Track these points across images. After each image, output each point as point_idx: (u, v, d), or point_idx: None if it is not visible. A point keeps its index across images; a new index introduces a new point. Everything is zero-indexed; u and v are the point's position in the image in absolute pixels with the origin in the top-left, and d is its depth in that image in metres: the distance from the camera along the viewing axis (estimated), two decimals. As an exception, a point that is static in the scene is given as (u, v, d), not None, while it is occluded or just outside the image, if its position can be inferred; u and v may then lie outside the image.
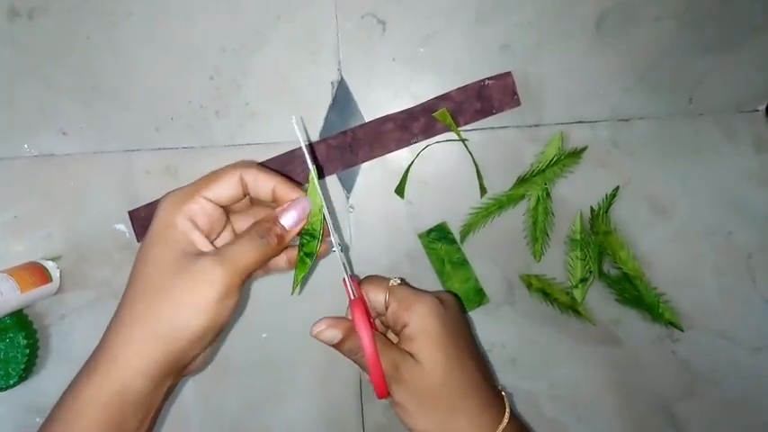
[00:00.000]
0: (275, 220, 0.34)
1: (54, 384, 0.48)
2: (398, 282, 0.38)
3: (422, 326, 0.35)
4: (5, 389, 0.47)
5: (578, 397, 0.48)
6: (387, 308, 0.37)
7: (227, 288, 0.32)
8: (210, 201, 0.34)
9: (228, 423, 0.49)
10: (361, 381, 0.49)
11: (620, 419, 0.48)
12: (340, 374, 0.49)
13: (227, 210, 0.37)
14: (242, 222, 0.38)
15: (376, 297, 0.38)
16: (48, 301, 0.49)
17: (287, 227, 0.34)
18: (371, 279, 0.39)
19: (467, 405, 0.35)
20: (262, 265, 0.35)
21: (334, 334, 0.35)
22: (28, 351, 0.46)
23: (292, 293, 0.37)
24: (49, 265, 0.48)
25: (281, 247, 0.35)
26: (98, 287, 0.49)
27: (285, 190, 0.35)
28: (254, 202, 0.39)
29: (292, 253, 0.37)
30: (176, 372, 0.33)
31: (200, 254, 0.32)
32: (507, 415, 0.36)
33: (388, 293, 0.37)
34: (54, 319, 0.49)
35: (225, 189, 0.34)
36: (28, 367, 0.47)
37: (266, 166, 0.38)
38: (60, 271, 0.48)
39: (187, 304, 0.31)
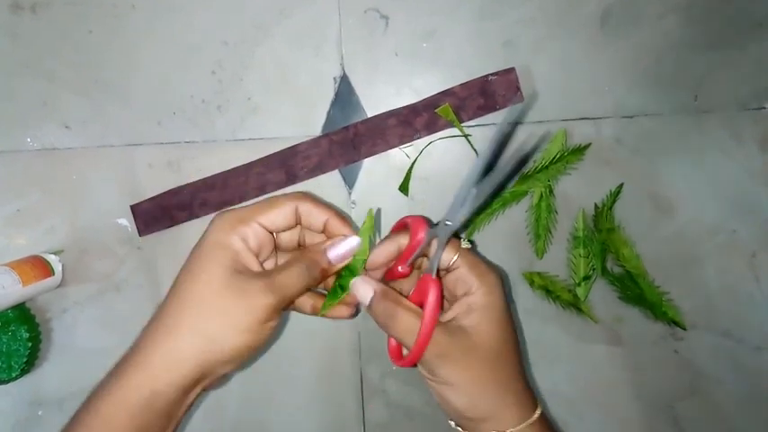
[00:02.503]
0: (323, 253, 0.35)
1: (56, 377, 0.49)
2: (469, 245, 0.37)
3: (488, 300, 0.35)
4: (8, 381, 0.47)
5: (580, 395, 0.48)
6: (449, 270, 0.36)
7: (272, 313, 0.32)
8: (264, 226, 0.35)
9: (229, 419, 0.49)
10: (361, 378, 0.49)
11: (621, 418, 0.48)
12: (341, 372, 0.49)
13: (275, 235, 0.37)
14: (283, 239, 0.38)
15: (447, 255, 0.36)
16: (50, 295, 0.49)
17: (333, 262, 0.35)
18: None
19: (515, 385, 0.35)
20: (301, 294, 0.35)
21: (369, 293, 0.35)
22: (30, 344, 0.46)
23: (319, 315, 0.38)
24: (52, 258, 0.48)
25: (323, 279, 0.36)
26: (100, 281, 0.49)
27: (337, 225, 0.36)
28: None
29: (319, 302, 0.38)
30: (203, 385, 0.33)
31: (252, 275, 0.33)
32: (539, 408, 0.35)
33: (458, 254, 0.36)
34: (56, 312, 0.49)
35: (280, 218, 0.35)
36: (30, 360, 0.47)
37: (315, 198, 0.38)
38: (62, 264, 0.48)
39: (232, 322, 0.32)
